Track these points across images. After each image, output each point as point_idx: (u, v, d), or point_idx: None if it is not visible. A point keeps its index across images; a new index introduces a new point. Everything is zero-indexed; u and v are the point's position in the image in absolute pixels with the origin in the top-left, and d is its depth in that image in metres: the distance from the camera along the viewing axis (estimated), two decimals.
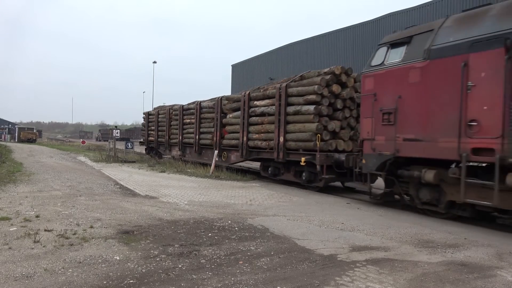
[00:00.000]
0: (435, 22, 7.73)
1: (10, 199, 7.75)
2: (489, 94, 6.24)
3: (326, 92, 10.64)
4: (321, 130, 10.44)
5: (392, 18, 20.38)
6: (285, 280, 3.85)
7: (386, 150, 7.96)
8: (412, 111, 7.51)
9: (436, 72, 7.08)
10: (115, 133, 23.79)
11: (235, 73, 36.07)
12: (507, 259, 4.78)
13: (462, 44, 6.70)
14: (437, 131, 7.02)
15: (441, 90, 7.00)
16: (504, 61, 5.96)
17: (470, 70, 6.52)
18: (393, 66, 7.97)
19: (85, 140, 45.71)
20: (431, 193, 7.38)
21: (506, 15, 6.35)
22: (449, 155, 6.75)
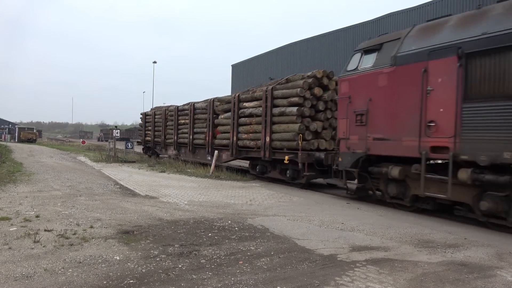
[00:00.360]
0: (403, 31, 8.37)
1: (10, 199, 7.75)
2: (444, 97, 6.87)
3: (308, 95, 11.27)
4: (303, 130, 11.09)
5: (392, 18, 20.39)
6: (285, 280, 3.85)
7: (359, 148, 8.59)
8: (380, 113, 8.13)
9: (401, 77, 7.72)
10: (115, 133, 23.81)
11: (235, 73, 36.09)
12: (507, 259, 4.78)
13: (423, 52, 7.33)
14: (401, 131, 7.64)
15: (405, 93, 7.62)
16: (457, 68, 6.64)
17: (429, 76, 7.16)
18: (366, 71, 8.56)
19: (85, 140, 45.72)
20: (398, 188, 8.00)
21: (459, 27, 6.97)
22: (411, 153, 7.38)
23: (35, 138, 50.69)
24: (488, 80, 6.33)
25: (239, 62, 35.54)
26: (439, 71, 6.99)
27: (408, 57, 7.62)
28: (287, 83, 12.19)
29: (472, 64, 6.53)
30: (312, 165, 10.77)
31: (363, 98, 8.50)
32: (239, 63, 35.54)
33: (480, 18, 6.80)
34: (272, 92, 12.16)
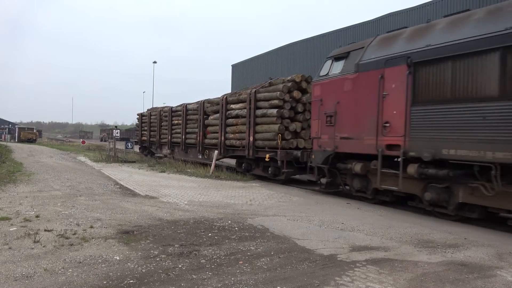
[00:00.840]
0: (367, 40, 9.20)
1: (10, 199, 7.75)
2: (397, 101, 7.72)
3: (288, 98, 12.14)
4: (282, 131, 11.96)
5: (392, 18, 20.38)
6: (285, 280, 3.85)
7: (328, 146, 9.46)
8: (346, 115, 8.98)
9: (363, 82, 8.56)
10: (115, 133, 23.83)
11: (235, 73, 36.07)
12: (507, 259, 4.78)
13: (380, 61, 8.19)
14: (363, 130, 8.49)
15: (365, 97, 8.45)
16: (406, 75, 7.51)
17: (385, 82, 8.03)
18: (335, 76, 9.41)
19: (85, 140, 45.72)
20: (361, 182, 8.89)
21: (410, 39, 7.85)
22: (371, 150, 8.24)
23: (35, 138, 50.69)
24: (431, 87, 7.19)
25: (239, 62, 35.52)
26: (393, 78, 7.86)
27: (369, 65, 8.46)
28: (269, 86, 13.04)
29: (419, 72, 7.39)
30: (291, 162, 11.64)
31: (332, 101, 9.34)
32: (239, 63, 35.52)
33: (427, 31, 7.67)
34: (255, 95, 13.02)
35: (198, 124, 16.96)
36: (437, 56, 7.08)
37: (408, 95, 7.47)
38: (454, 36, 6.94)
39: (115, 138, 23.46)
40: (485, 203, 6.53)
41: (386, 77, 7.99)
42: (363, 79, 8.54)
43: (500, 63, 6.19)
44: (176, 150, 19.45)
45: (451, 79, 6.86)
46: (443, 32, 7.26)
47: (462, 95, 6.70)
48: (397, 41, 8.17)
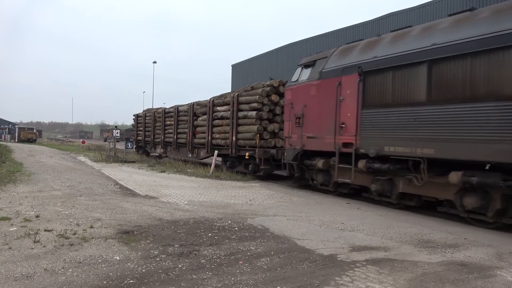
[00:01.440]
0: (330, 50, 10.27)
1: (10, 199, 7.75)
2: (350, 105, 8.78)
3: (266, 101, 13.26)
4: (261, 131, 13.07)
5: (392, 18, 20.38)
6: (285, 280, 3.85)
7: (297, 145, 10.54)
8: (311, 116, 10.05)
9: (324, 88, 9.60)
10: (115, 133, 23.82)
11: (235, 73, 36.07)
12: (507, 259, 4.78)
13: (338, 69, 9.24)
14: (324, 131, 9.55)
15: (326, 101, 9.48)
16: (358, 83, 8.58)
17: (342, 88, 9.08)
18: (303, 82, 10.47)
19: (85, 140, 45.70)
20: (324, 176, 9.98)
21: (363, 50, 8.91)
22: (330, 148, 9.32)
23: (35, 138, 50.70)
24: (376, 93, 8.27)
25: (239, 62, 35.51)
26: (348, 84, 8.91)
27: (330, 73, 9.52)
28: (251, 90, 14.07)
29: (367, 80, 8.44)
30: (268, 160, 12.71)
31: (301, 104, 10.41)
32: (239, 63, 35.51)
33: (375, 44, 8.72)
34: (237, 98, 14.15)
35: (188, 124, 18.03)
36: (381, 66, 8.17)
37: (359, 100, 8.57)
38: (394, 50, 8.02)
39: (115, 138, 23.46)
40: (418, 192, 7.68)
41: (343, 84, 9.06)
42: (325, 85, 9.62)
43: (427, 73, 7.25)
44: (169, 149, 20.53)
45: (392, 86, 7.96)
46: (387, 46, 8.36)
47: (399, 100, 7.79)
48: (353, 52, 9.24)
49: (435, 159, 7.10)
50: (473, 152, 6.41)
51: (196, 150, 17.43)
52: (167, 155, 20.92)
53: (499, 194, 6.35)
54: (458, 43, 6.81)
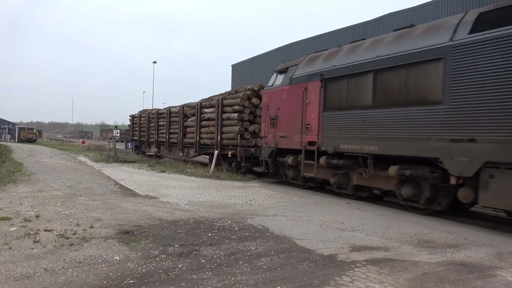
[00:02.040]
0: (300, 58, 11.40)
1: (10, 199, 7.75)
2: (314, 108, 9.90)
3: (247, 104, 14.37)
4: (242, 131, 14.15)
5: (392, 18, 20.37)
6: (285, 280, 3.85)
7: (272, 144, 11.73)
8: (283, 118, 11.21)
9: (294, 93, 10.74)
10: (115, 133, 23.81)
11: (235, 73, 36.06)
12: (507, 259, 4.78)
13: (305, 76, 10.40)
14: (293, 131, 10.68)
15: (295, 104, 10.59)
16: (319, 88, 9.73)
17: (307, 93, 10.21)
18: (277, 87, 11.62)
19: (85, 140, 45.69)
20: (294, 171, 11.14)
21: (325, 59, 10.04)
22: (298, 146, 10.44)
23: (35, 138, 50.67)
24: (334, 97, 9.40)
25: (239, 62, 35.50)
26: (312, 90, 10.03)
27: (298, 79, 10.66)
28: (234, 93, 15.12)
29: (327, 86, 9.57)
30: (249, 158, 13.76)
31: (275, 107, 11.56)
32: (239, 63, 35.50)
33: (335, 54, 9.82)
34: (222, 101, 15.26)
35: (179, 125, 19.14)
36: (338, 74, 9.28)
37: (321, 104, 9.69)
38: (349, 60, 9.13)
39: (115, 138, 23.46)
40: (368, 184, 8.82)
41: (308, 89, 10.19)
42: (294, 90, 10.75)
43: (373, 81, 8.34)
44: (162, 148, 21.73)
45: (346, 92, 9.06)
46: (344, 56, 9.46)
47: (352, 104, 8.90)
48: (317, 61, 10.36)
49: (379, 155, 8.23)
50: (407, 149, 7.56)
51: (186, 150, 18.58)
52: (160, 154, 22.08)
53: (428, 184, 7.46)
54: (395, 56, 7.95)
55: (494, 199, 6.25)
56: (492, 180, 6.22)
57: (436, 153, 7.04)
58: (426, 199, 7.56)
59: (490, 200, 6.34)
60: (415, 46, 7.58)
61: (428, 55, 7.27)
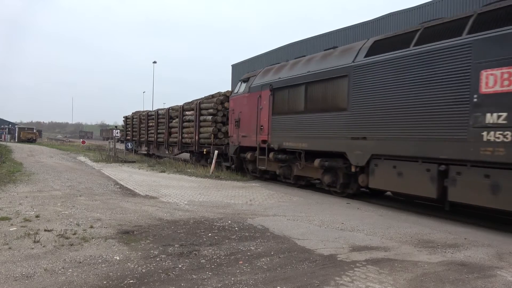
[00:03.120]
0: (258, 70, 13.43)
1: (10, 199, 7.75)
2: (266, 112, 11.90)
3: (220, 107, 16.37)
4: (216, 132, 16.17)
5: (392, 18, 20.36)
6: (285, 280, 3.85)
7: (236, 142, 13.72)
8: (244, 120, 13.19)
9: (251, 99, 12.75)
10: (115, 133, 23.81)
11: (235, 73, 36.04)
12: (507, 259, 4.78)
13: (259, 85, 12.40)
14: (251, 131, 12.67)
15: (252, 109, 12.63)
16: (269, 96, 11.68)
17: (261, 100, 12.19)
18: (240, 94, 13.64)
19: (85, 140, 45.68)
20: (253, 165, 13.14)
21: (275, 72, 12.07)
22: (254, 144, 12.42)
23: (35, 138, 50.68)
24: (279, 104, 11.36)
25: (239, 62, 35.48)
26: (264, 97, 11.99)
27: (255, 88, 12.67)
28: (211, 98, 17.01)
29: (275, 94, 11.54)
30: (221, 155, 15.44)
31: (238, 111, 13.57)
32: (239, 63, 35.48)
33: (282, 68, 11.85)
34: (199, 105, 17.28)
35: (165, 126, 21.15)
36: (282, 85, 11.25)
37: (270, 109, 11.66)
38: (290, 73, 11.13)
39: (115, 138, 23.46)
40: (303, 174, 10.92)
41: (262, 96, 12.13)
42: (252, 97, 12.70)
43: (305, 92, 10.31)
44: (151, 147, 23.86)
45: (287, 100, 11.01)
46: (287, 70, 11.45)
47: (291, 110, 10.84)
48: (270, 73, 12.30)
49: (309, 151, 10.22)
50: (326, 145, 9.56)
51: (171, 148, 20.65)
52: (150, 152, 24.18)
53: (342, 173, 9.40)
54: (319, 72, 9.90)
55: (378, 181, 8.26)
56: (376, 167, 8.24)
57: (344, 148, 9.01)
58: (341, 184, 9.50)
59: (375, 183, 8.32)
60: (332, 65, 9.57)
61: (339, 72, 9.24)
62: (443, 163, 6.93)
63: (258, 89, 12.31)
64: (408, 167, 7.55)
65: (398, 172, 7.72)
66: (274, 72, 12.01)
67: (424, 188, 7.25)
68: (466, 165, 6.55)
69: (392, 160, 7.88)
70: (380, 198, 9.54)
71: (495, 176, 6.15)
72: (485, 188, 6.24)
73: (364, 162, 8.44)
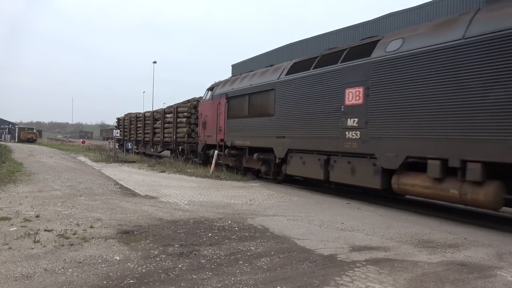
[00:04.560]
0: (222, 80, 16.08)
1: (10, 199, 7.75)
2: (223, 116, 14.40)
3: (193, 111, 19.24)
4: (189, 132, 19.14)
5: (392, 18, 20.35)
6: (285, 280, 3.85)
7: (203, 141, 16.59)
8: (208, 123, 15.89)
9: (214, 105, 15.35)
10: (115, 133, 23.81)
11: (235, 72, 36.03)
12: (507, 259, 4.78)
13: (219, 94, 15.01)
14: (214, 132, 15.25)
15: (214, 114, 15.22)
16: (225, 103, 14.21)
17: (220, 106, 14.73)
18: (206, 101, 16.50)
19: (85, 140, 45.67)
20: (237, 162, 14.43)
21: (231, 83, 14.52)
22: (215, 142, 14.99)
23: (35, 138, 50.68)
24: (233, 109, 13.87)
25: (239, 62, 35.47)
26: (222, 104, 14.56)
27: (216, 96, 15.32)
28: (186, 103, 19.79)
29: (230, 102, 14.07)
30: (193, 151, 18.53)
31: (204, 115, 16.40)
32: (239, 63, 35.48)
33: (236, 80, 14.34)
34: (177, 109, 20.39)
35: (150, 127, 24.12)
36: (234, 94, 13.86)
37: (226, 114, 14.21)
38: (239, 85, 13.72)
39: (115, 138, 23.45)
40: (249, 166, 13.49)
41: (220, 103, 14.72)
42: (214, 104, 15.34)
43: (248, 100, 12.94)
44: (140, 145, 27.05)
45: (238, 106, 13.55)
46: (239, 82, 14.00)
47: (240, 115, 13.42)
48: (227, 84, 14.91)
49: (251, 147, 12.79)
50: (263, 143, 12.07)
51: (155, 146, 23.59)
52: (139, 150, 27.07)
53: (273, 164, 11.99)
54: (257, 85, 12.59)
55: (292, 169, 10.92)
56: (291, 159, 10.91)
57: (272, 144, 11.59)
58: (273, 173, 12.23)
59: (290, 170, 11.00)
60: (265, 80, 12.21)
61: (269, 86, 11.89)
62: (327, 154, 9.51)
63: (218, 97, 14.94)
64: (308, 157, 10.18)
65: (303, 162, 10.38)
66: (230, 83, 14.59)
67: (317, 172, 9.79)
68: (339, 155, 9.13)
69: (300, 153, 10.53)
70: (378, 198, 9.53)
71: (353, 162, 8.74)
72: (348, 170, 8.82)
73: (283, 155, 11.16)
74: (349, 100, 8.76)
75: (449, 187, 6.74)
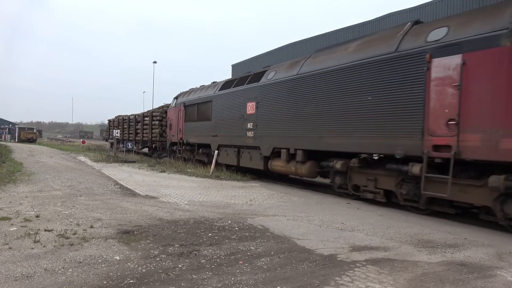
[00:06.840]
0: (186, 91, 19.67)
1: (10, 199, 7.75)
2: (182, 120, 18.32)
3: (165, 115, 22.68)
4: (161, 133, 22.84)
5: (392, 18, 20.35)
6: (285, 280, 3.85)
7: (169, 140, 20.52)
8: (173, 125, 19.72)
9: (176, 111, 19.17)
10: (115, 133, 23.81)
11: (235, 72, 36.03)
12: (507, 259, 4.78)
13: (180, 103, 18.88)
14: (176, 132, 18.93)
15: (177, 118, 18.97)
16: (184, 110, 18.37)
17: (180, 112, 18.59)
18: (172, 107, 20.22)
19: (85, 140, 45.67)
20: (189, 155, 18.10)
21: (189, 94, 18.53)
22: (178, 140, 18.93)
23: (35, 138, 50.67)
24: (189, 115, 17.63)
25: (239, 62, 35.46)
26: (181, 110, 18.36)
27: (178, 104, 19.11)
28: (159, 109, 23.90)
29: (186, 109, 17.93)
30: (164, 147, 22.30)
31: (171, 119, 20.21)
32: (239, 63, 35.46)
33: (192, 91, 18.37)
34: (152, 113, 24.48)
35: (133, 128, 28.29)
36: (189, 103, 17.73)
37: (183, 118, 18.03)
38: (193, 97, 17.61)
39: (115, 138, 23.47)
40: (199, 158, 17.08)
41: (181, 110, 18.42)
42: (176, 110, 19.20)
43: (197, 109, 16.73)
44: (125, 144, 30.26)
45: (191, 113, 17.34)
46: (193, 94, 17.87)
47: (192, 119, 17.17)
48: (186, 94, 18.83)
49: (199, 144, 16.73)
50: (205, 140, 15.92)
51: (137, 144, 27.48)
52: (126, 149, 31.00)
53: (211, 156, 15.00)
54: (202, 97, 16.61)
55: (221, 159, 14.59)
56: (220, 151, 14.58)
57: (210, 141, 15.44)
58: (211, 162, 14.92)
59: (220, 160, 14.66)
60: (207, 94, 16.20)
61: (208, 99, 15.85)
62: (238, 147, 13.60)
63: (179, 105, 18.75)
64: (230, 150, 14.16)
65: (227, 153, 14.34)
66: (188, 94, 18.62)
67: (233, 160, 13.85)
68: (244, 148, 13.24)
69: (225, 147, 14.53)
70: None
71: (251, 152, 12.87)
72: (249, 158, 12.97)
73: (216, 148, 14.89)
74: (249, 110, 12.86)
75: (291, 165, 10.90)
